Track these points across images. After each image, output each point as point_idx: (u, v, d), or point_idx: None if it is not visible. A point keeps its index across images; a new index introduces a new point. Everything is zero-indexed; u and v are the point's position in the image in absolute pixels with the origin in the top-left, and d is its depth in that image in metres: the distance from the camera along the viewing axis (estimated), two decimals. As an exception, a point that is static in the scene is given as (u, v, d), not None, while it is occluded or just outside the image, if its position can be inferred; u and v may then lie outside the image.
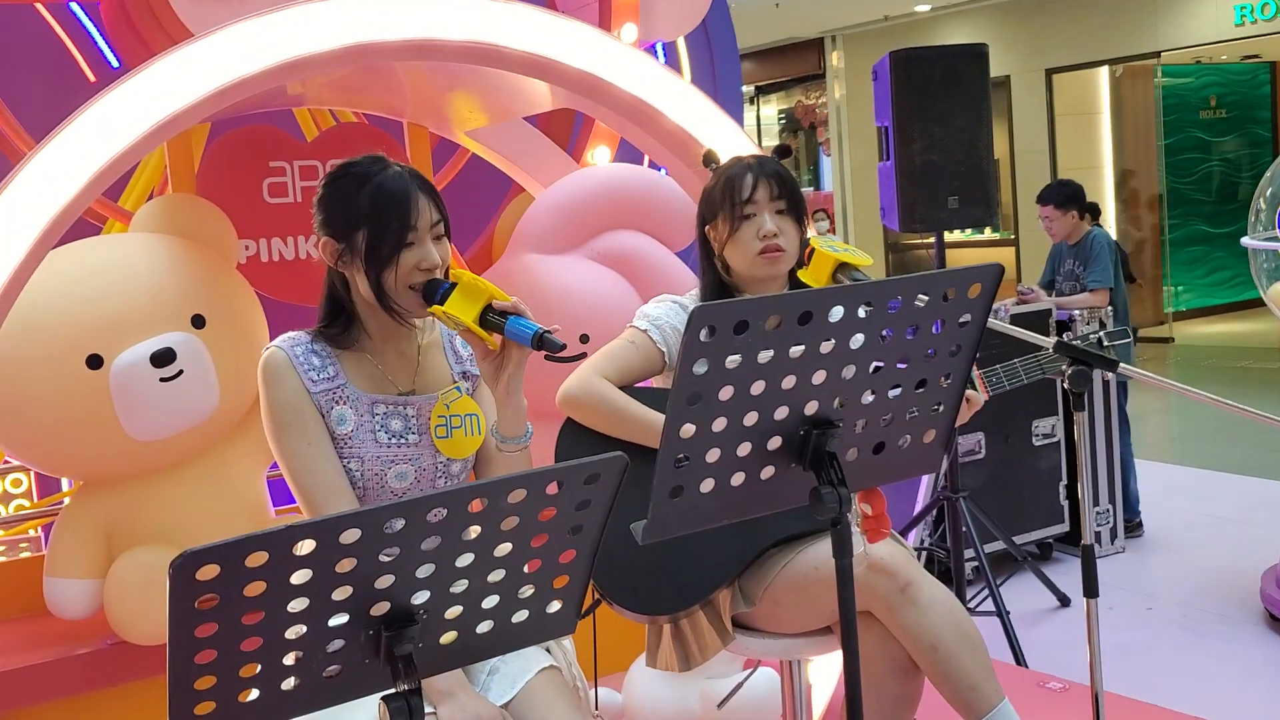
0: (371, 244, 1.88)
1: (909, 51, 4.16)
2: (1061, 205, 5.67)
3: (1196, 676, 4.03)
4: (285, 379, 1.90)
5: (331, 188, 1.94)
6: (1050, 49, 12.19)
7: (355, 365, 1.96)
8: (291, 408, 1.89)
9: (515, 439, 1.95)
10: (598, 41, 2.94)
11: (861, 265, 2.14)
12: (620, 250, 3.41)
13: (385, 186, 1.89)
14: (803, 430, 1.60)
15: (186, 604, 1.21)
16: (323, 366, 1.93)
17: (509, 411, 1.94)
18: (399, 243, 1.88)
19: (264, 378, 1.91)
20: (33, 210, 2.35)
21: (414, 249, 1.89)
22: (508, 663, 1.92)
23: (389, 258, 1.88)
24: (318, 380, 1.92)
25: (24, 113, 3.54)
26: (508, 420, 1.94)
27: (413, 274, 1.89)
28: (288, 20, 2.57)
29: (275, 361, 1.91)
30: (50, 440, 2.84)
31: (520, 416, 1.95)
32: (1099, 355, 2.34)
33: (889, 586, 2.13)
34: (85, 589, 2.90)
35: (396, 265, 1.88)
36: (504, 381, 1.90)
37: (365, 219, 1.88)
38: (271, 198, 3.56)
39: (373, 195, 1.88)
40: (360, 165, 1.93)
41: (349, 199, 1.90)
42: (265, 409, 1.91)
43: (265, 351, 1.93)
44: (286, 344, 1.93)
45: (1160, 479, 6.36)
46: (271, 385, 1.90)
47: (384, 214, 1.88)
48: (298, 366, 1.91)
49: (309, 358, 1.93)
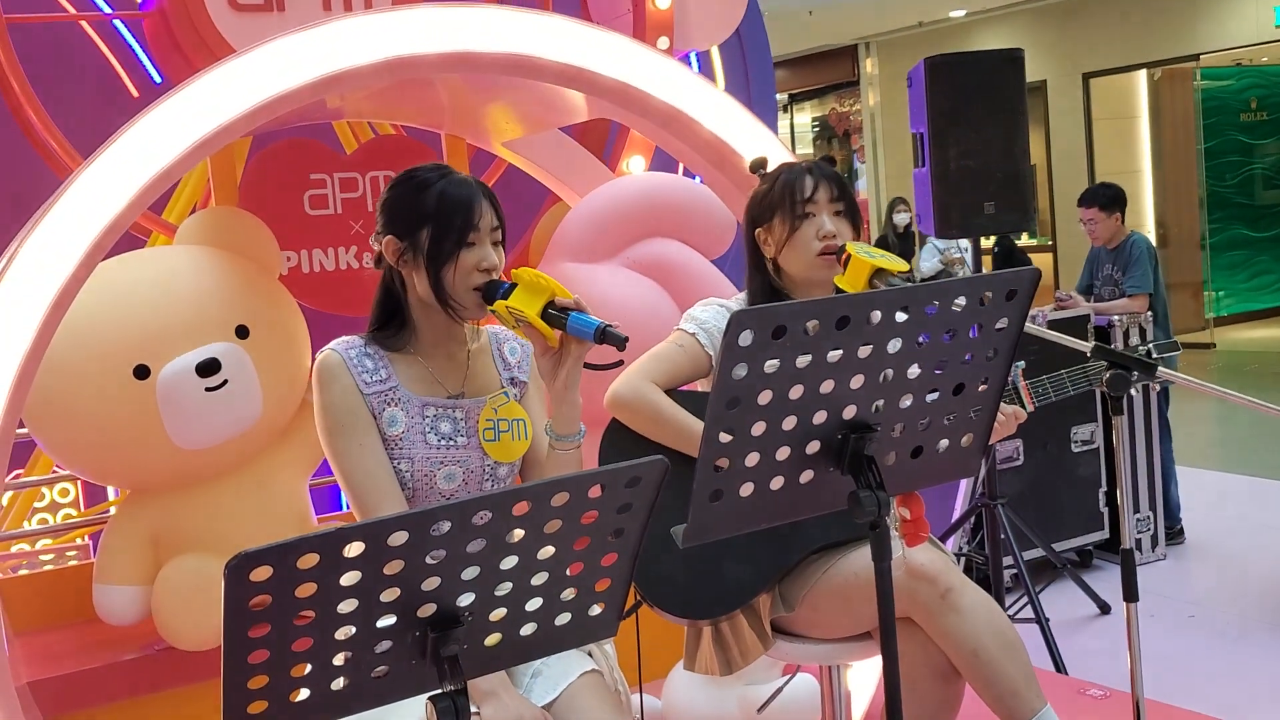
0: (434, 241, 1.94)
1: (945, 57, 4.16)
2: (1105, 208, 5.62)
3: (1239, 685, 3.98)
4: (340, 381, 1.94)
5: (398, 190, 2.01)
6: (1087, 53, 12.10)
7: (406, 368, 2.00)
8: (345, 409, 1.93)
9: (569, 437, 1.99)
10: (633, 51, 2.97)
11: (897, 271, 2.15)
12: (656, 258, 3.43)
13: (451, 188, 1.96)
14: (841, 434, 1.61)
15: (241, 604, 1.23)
16: (375, 369, 1.97)
17: (565, 408, 1.97)
18: (461, 241, 1.94)
19: (319, 379, 1.95)
20: (81, 225, 2.41)
21: (475, 249, 1.95)
22: (550, 665, 1.94)
23: (450, 254, 1.93)
24: (370, 382, 1.95)
25: (70, 129, 3.61)
26: (563, 418, 1.98)
27: (472, 274, 1.95)
28: (328, 35, 2.61)
29: (330, 364, 1.95)
30: (98, 449, 2.90)
31: (575, 414, 1.99)
32: (1138, 360, 2.33)
33: (929, 592, 2.13)
34: (133, 595, 2.95)
35: (457, 263, 1.94)
36: (562, 377, 1.94)
37: (430, 217, 1.94)
38: (312, 209, 3.61)
39: (439, 195, 1.95)
40: (426, 170, 2.01)
41: (415, 198, 1.96)
42: (319, 410, 1.95)
43: (320, 354, 1.97)
44: (341, 347, 1.97)
45: (1202, 486, 6.29)
46: (326, 387, 1.94)
47: (448, 212, 1.94)
48: (352, 369, 1.95)
49: (362, 360, 1.96)
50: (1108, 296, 5.56)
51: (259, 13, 3.17)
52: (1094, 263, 5.76)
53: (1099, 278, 5.69)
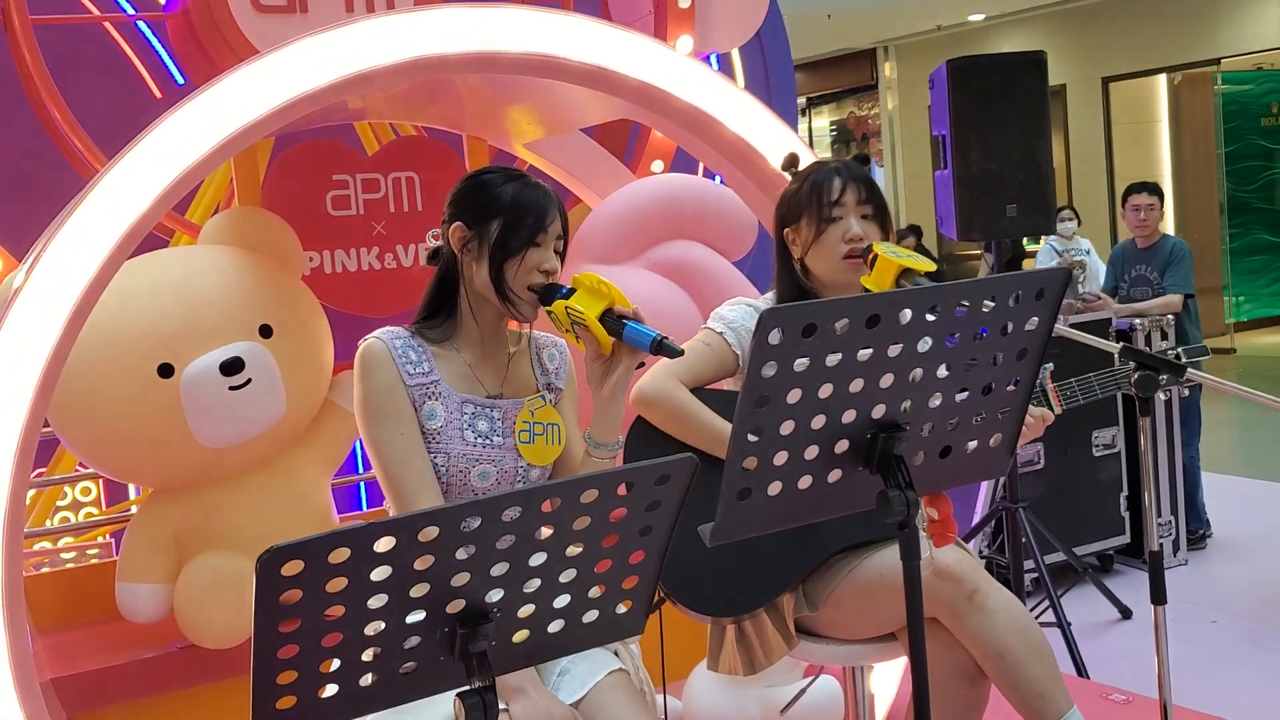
0: (504, 234, 1.96)
1: (967, 60, 4.15)
2: (1162, 200, 5.58)
3: (1262, 690, 3.95)
4: (383, 369, 1.94)
5: (474, 181, 2.04)
6: (1106, 57, 12.06)
7: (448, 364, 2.01)
8: (387, 398, 1.93)
9: (608, 445, 2.00)
10: (655, 52, 2.96)
11: (924, 271, 2.14)
12: (678, 260, 3.42)
13: (527, 190, 2.00)
14: (870, 433, 1.60)
15: (271, 599, 1.23)
16: (418, 361, 1.97)
17: (608, 416, 1.98)
18: (530, 239, 1.96)
19: (362, 366, 1.95)
20: (106, 225, 2.41)
21: (540, 250, 1.98)
22: (577, 664, 1.94)
23: (518, 250, 1.96)
24: (414, 374, 1.96)
25: (94, 130, 3.63)
26: (604, 425, 1.99)
27: (533, 274, 1.97)
28: (350, 35, 2.61)
29: (374, 351, 1.96)
30: (123, 447, 2.91)
31: (617, 423, 2.00)
32: (1166, 361, 2.31)
33: (955, 593, 2.12)
34: (156, 593, 2.96)
35: (522, 260, 1.96)
36: (610, 385, 1.95)
37: (504, 210, 1.97)
38: (335, 210, 3.62)
39: (516, 192, 1.99)
40: (505, 169, 2.06)
41: (491, 192, 1.99)
42: (359, 397, 1.95)
43: (364, 342, 1.98)
44: (386, 336, 1.98)
45: (1226, 490, 6.25)
46: (369, 374, 1.94)
47: (522, 209, 1.97)
48: (397, 359, 1.95)
49: (406, 351, 1.97)
50: (1139, 297, 5.46)
51: (282, 14, 3.19)
52: (1121, 263, 5.66)
53: (1127, 278, 5.59)
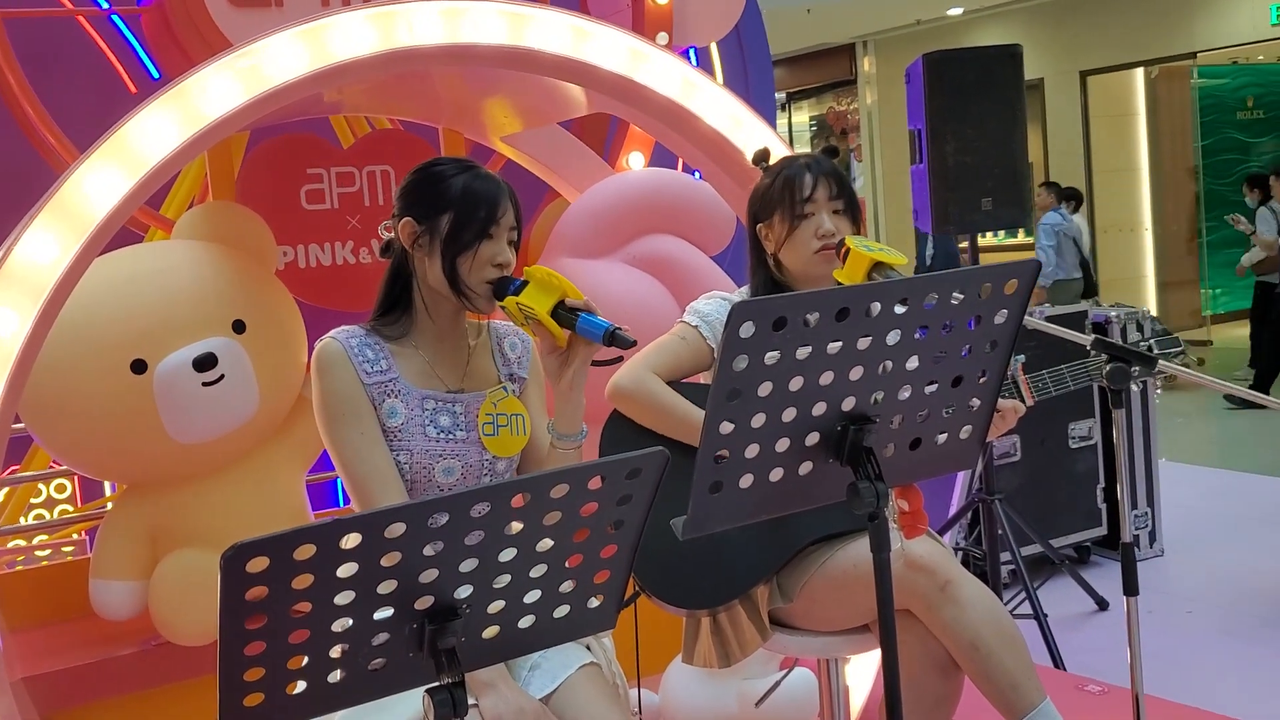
0: (454, 229, 1.94)
1: (943, 53, 4.15)
2: None
3: (1237, 680, 3.98)
4: (340, 370, 1.93)
5: (422, 174, 2.01)
6: (1084, 51, 12.11)
7: (407, 360, 1.99)
8: (345, 398, 1.92)
9: (571, 436, 1.99)
10: (631, 45, 2.96)
11: (896, 264, 2.14)
12: (656, 255, 3.42)
13: (478, 181, 1.97)
14: (840, 426, 1.61)
15: (237, 596, 1.22)
16: (376, 359, 1.96)
17: (568, 408, 1.97)
18: (482, 232, 1.94)
19: (319, 368, 1.94)
20: (78, 219, 2.40)
21: (492, 243, 1.95)
22: (548, 658, 1.93)
23: (469, 244, 1.93)
24: (371, 373, 1.95)
25: (67, 124, 3.60)
26: (566, 417, 1.98)
27: (486, 268, 1.95)
28: (325, 28, 2.60)
29: (330, 352, 1.94)
30: (96, 443, 2.89)
31: (578, 414, 1.99)
32: (1138, 353, 2.32)
33: (928, 585, 2.13)
34: (130, 590, 2.94)
35: (475, 254, 1.94)
36: (568, 377, 1.94)
37: (454, 204, 1.94)
38: (309, 204, 3.61)
39: (465, 184, 1.96)
40: (452, 161, 2.02)
41: (440, 185, 1.96)
42: (318, 398, 1.94)
43: (320, 343, 1.97)
44: (342, 336, 1.97)
45: (1199, 482, 6.29)
46: (325, 375, 1.93)
47: (473, 202, 1.94)
48: (353, 358, 1.94)
49: (363, 350, 1.96)
50: None
51: (257, 8, 3.16)
52: None
53: None
